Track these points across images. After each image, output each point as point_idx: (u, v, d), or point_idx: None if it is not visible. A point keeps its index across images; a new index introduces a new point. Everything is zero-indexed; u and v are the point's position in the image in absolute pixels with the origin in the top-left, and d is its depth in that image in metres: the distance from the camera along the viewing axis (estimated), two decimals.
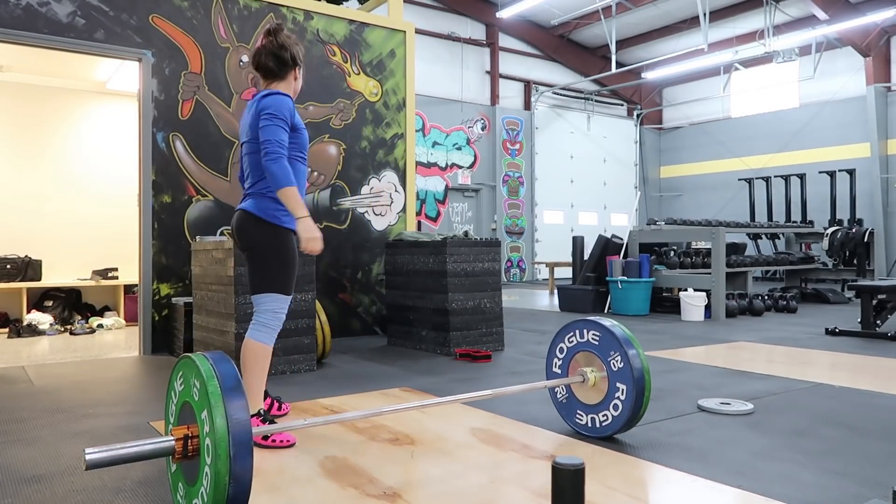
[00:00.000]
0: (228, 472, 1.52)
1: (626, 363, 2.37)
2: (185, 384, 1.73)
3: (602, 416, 2.47)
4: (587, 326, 2.53)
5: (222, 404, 1.56)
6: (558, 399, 2.62)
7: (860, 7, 12.23)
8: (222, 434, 1.53)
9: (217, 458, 1.53)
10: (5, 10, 4.27)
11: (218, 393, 1.58)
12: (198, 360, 1.66)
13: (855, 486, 2.03)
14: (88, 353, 4.87)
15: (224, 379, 1.62)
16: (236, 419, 1.55)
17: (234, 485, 1.53)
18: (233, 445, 1.53)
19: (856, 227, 9.64)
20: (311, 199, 5.45)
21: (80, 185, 6.84)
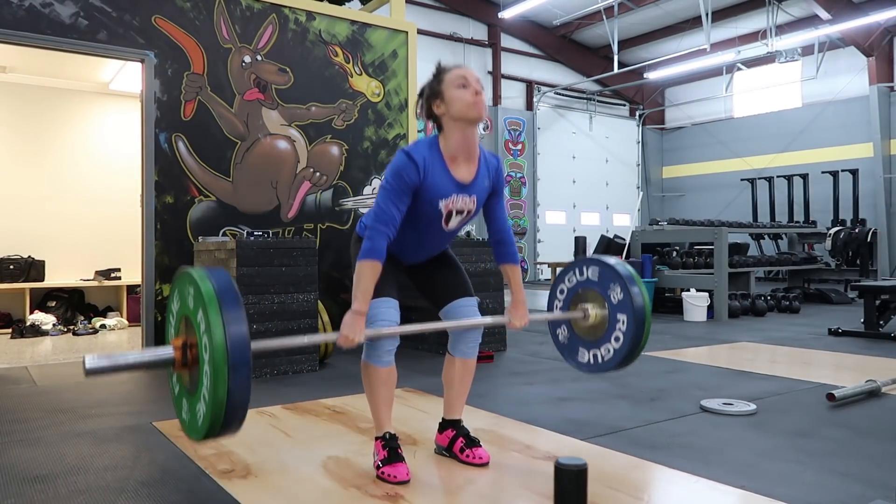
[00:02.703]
0: (227, 370, 1.51)
1: (626, 294, 2.34)
2: (182, 298, 1.72)
3: (604, 350, 2.41)
4: (587, 263, 2.51)
5: (217, 306, 1.55)
6: (560, 341, 2.59)
7: (863, 7, 12.21)
8: (219, 334, 1.52)
9: (215, 357, 1.52)
10: (8, 12, 4.28)
11: (213, 296, 1.57)
12: (197, 277, 1.65)
13: (858, 487, 2.03)
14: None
15: (219, 284, 1.60)
16: (232, 321, 1.55)
17: (233, 382, 1.52)
18: (230, 344, 1.52)
19: (859, 227, 9.62)
20: (313, 199, 5.46)
21: (83, 186, 6.85)
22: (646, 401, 3.22)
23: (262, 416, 2.95)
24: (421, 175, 2.03)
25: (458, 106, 2.04)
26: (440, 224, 2.14)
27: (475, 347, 2.30)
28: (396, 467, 2.08)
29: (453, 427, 2.32)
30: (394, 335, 2.12)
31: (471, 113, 2.04)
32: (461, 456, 2.27)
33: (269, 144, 5.25)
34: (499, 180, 2.23)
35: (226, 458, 2.34)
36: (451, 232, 2.20)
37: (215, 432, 1.60)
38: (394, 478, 2.05)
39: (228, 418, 1.56)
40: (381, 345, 2.10)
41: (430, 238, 2.20)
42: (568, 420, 2.84)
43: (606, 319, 2.38)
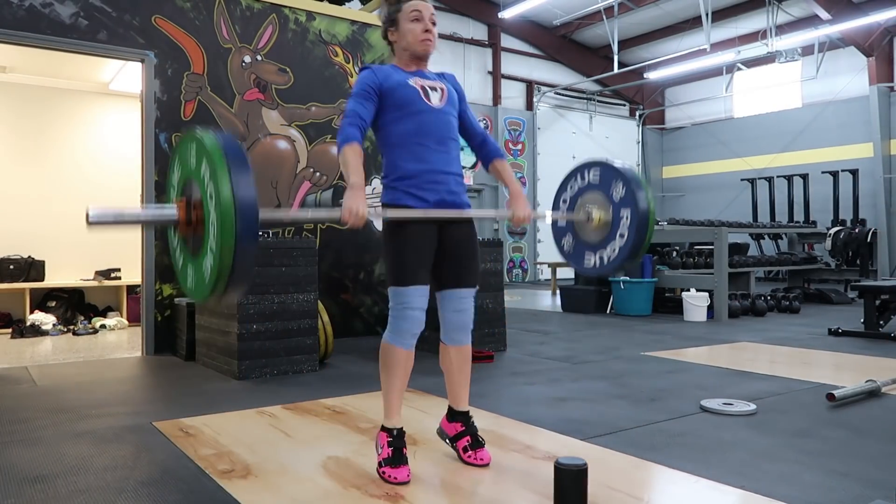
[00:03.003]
0: (234, 232, 1.49)
1: (628, 189, 2.34)
2: (183, 163, 1.70)
3: (609, 249, 2.41)
4: (587, 167, 2.50)
5: (227, 171, 1.52)
6: (566, 250, 2.58)
7: (863, 7, 12.20)
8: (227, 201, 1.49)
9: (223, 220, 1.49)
10: (8, 12, 4.28)
11: (223, 161, 1.54)
12: (204, 136, 1.62)
13: (858, 487, 2.03)
14: (91, 354, 4.87)
15: (228, 149, 1.58)
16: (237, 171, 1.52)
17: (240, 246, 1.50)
18: (238, 209, 1.50)
19: (859, 227, 9.62)
20: (313, 199, 5.46)
21: (83, 186, 6.85)
22: (646, 401, 3.22)
23: (262, 416, 2.95)
24: (378, 75, 2.17)
25: (409, 38, 2.19)
26: (423, 101, 2.17)
27: (467, 334, 2.30)
28: (399, 469, 2.07)
29: (463, 422, 2.31)
30: (405, 219, 2.11)
31: (419, 48, 2.20)
32: (463, 455, 2.27)
33: (269, 144, 5.25)
34: (458, 88, 2.34)
35: (226, 458, 2.34)
36: (441, 113, 2.19)
37: (222, 285, 1.56)
38: (394, 479, 2.05)
39: (237, 267, 1.53)
40: (408, 328, 2.11)
41: (428, 125, 2.16)
42: (568, 420, 2.84)
43: (610, 219, 2.38)
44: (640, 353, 4.67)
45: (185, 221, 1.64)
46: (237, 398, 3.32)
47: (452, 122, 2.24)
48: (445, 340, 2.30)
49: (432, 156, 2.16)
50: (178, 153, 1.81)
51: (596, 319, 6.89)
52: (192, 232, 1.66)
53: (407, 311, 2.11)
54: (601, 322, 6.65)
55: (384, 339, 2.16)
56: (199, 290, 1.68)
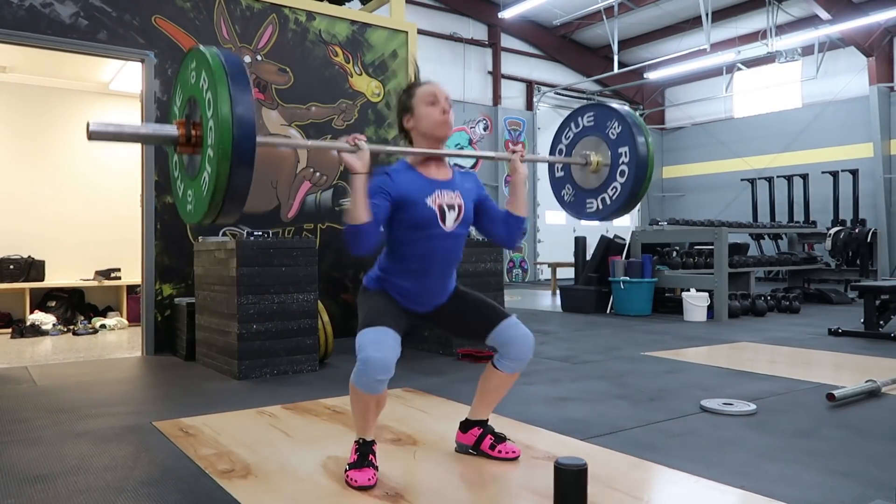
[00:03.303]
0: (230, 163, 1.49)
1: (624, 126, 2.33)
2: (188, 79, 1.69)
3: (611, 190, 2.40)
4: (581, 112, 2.49)
5: (227, 88, 1.52)
6: (566, 201, 2.58)
7: (863, 7, 12.20)
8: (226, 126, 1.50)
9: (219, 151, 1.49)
10: (8, 11, 4.28)
11: (223, 78, 1.53)
12: (208, 54, 1.61)
13: (858, 487, 2.03)
14: (91, 354, 4.87)
15: (230, 66, 1.57)
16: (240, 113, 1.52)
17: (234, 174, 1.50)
18: (235, 137, 1.49)
19: (859, 227, 9.63)
20: (313, 199, 5.46)
21: (83, 186, 6.85)
22: (646, 401, 3.22)
23: (262, 416, 2.95)
24: (392, 179, 2.06)
25: (427, 123, 2.11)
26: (438, 225, 2.09)
27: (523, 365, 2.26)
28: (361, 472, 2.04)
29: (481, 426, 2.33)
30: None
31: (438, 131, 2.12)
32: (493, 452, 2.28)
33: None
34: (479, 190, 2.26)
35: (226, 457, 2.34)
36: (452, 238, 2.13)
37: (218, 204, 1.56)
38: (354, 481, 2.01)
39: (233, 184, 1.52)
40: (368, 371, 1.93)
41: (438, 252, 2.12)
42: (568, 420, 2.84)
43: (609, 161, 2.38)
44: (640, 353, 4.67)
45: (184, 139, 1.63)
46: (237, 398, 3.32)
47: (462, 242, 2.21)
48: (500, 367, 2.25)
49: (431, 280, 2.15)
50: (181, 72, 1.79)
51: (596, 319, 6.89)
52: (191, 151, 1.66)
53: (368, 352, 1.93)
54: (601, 322, 6.65)
55: (351, 380, 2.01)
56: (196, 212, 1.67)
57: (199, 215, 1.64)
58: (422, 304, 2.18)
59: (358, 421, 2.11)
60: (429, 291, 2.17)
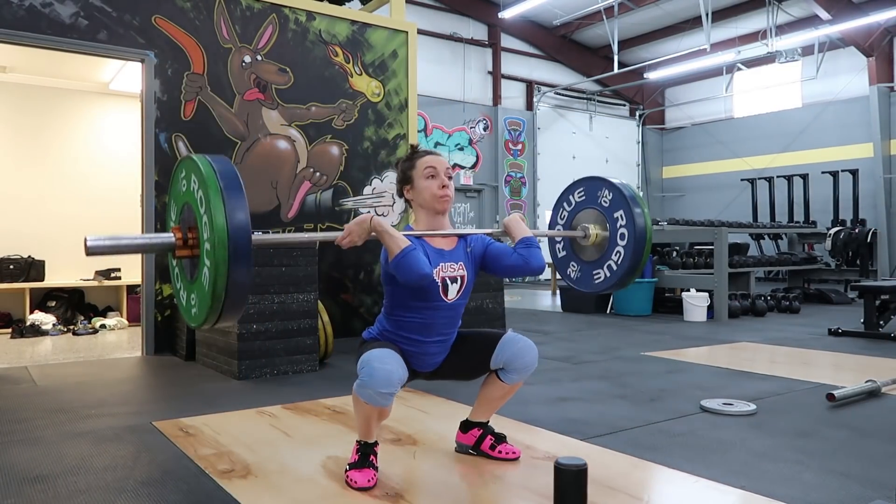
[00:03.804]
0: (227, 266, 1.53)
1: (614, 191, 2.36)
2: (186, 185, 1.73)
3: (614, 255, 2.42)
4: (594, 185, 2.51)
5: (221, 199, 1.56)
6: (574, 279, 2.60)
7: (863, 7, 12.20)
8: (221, 224, 1.54)
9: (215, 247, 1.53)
10: (8, 11, 4.28)
11: (217, 188, 1.58)
12: (198, 160, 1.65)
13: (858, 487, 2.03)
14: (91, 354, 4.87)
15: (223, 177, 1.61)
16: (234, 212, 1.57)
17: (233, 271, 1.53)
18: (231, 233, 1.54)
19: (859, 227, 9.62)
20: (313, 199, 5.46)
21: (83, 186, 6.85)
22: (646, 401, 3.22)
23: (262, 416, 2.95)
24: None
25: (426, 196, 2.12)
26: (440, 297, 2.10)
27: (524, 376, 2.23)
28: (361, 472, 2.04)
29: (481, 427, 2.34)
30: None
31: (436, 205, 2.12)
32: (493, 453, 2.29)
33: (269, 144, 5.25)
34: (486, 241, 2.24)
35: (226, 457, 2.34)
36: (453, 308, 2.15)
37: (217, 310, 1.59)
38: (354, 482, 2.02)
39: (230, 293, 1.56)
40: (376, 383, 1.91)
41: (438, 321, 2.13)
42: (568, 420, 2.84)
43: (607, 233, 2.40)
44: (640, 353, 4.67)
45: (182, 246, 1.67)
46: (237, 398, 3.32)
47: (461, 311, 2.21)
48: (503, 378, 2.23)
49: (431, 345, 2.16)
50: (174, 177, 1.84)
51: (596, 319, 6.89)
52: (189, 254, 1.69)
53: (373, 364, 1.93)
54: (601, 322, 6.65)
55: (354, 389, 2.00)
56: (196, 316, 1.70)
57: (203, 316, 1.65)
58: (423, 365, 2.19)
59: (360, 425, 2.11)
60: (430, 354, 2.18)
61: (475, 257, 2.22)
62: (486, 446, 2.31)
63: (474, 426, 2.34)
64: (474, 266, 2.21)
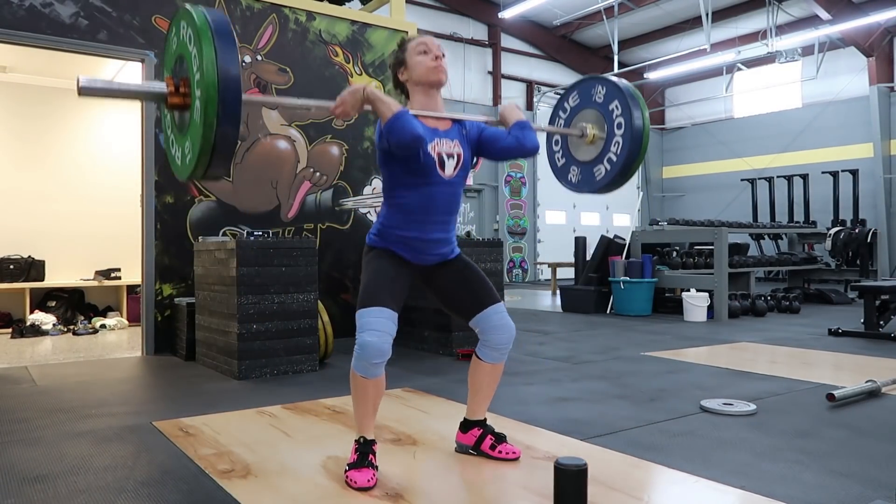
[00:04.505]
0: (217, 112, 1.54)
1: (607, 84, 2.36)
2: (178, 36, 1.75)
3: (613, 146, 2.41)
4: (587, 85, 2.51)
5: (212, 46, 1.58)
6: (575, 182, 2.59)
7: (863, 7, 12.20)
8: (210, 72, 1.55)
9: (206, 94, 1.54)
10: (8, 11, 4.28)
11: (209, 37, 1.59)
12: (193, 10, 1.67)
13: (858, 487, 2.03)
14: (91, 354, 4.87)
15: (215, 25, 1.63)
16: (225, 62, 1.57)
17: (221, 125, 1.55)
18: (221, 87, 1.54)
19: (859, 227, 9.62)
20: (313, 199, 5.46)
21: (83, 186, 6.85)
22: (646, 401, 3.22)
23: (262, 416, 2.95)
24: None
25: (420, 70, 2.16)
26: (437, 173, 2.13)
27: (506, 353, 2.29)
28: (361, 472, 2.05)
29: (480, 426, 2.34)
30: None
31: (431, 76, 2.17)
32: (493, 453, 2.30)
33: (269, 144, 5.25)
34: (480, 126, 2.28)
35: (225, 457, 2.34)
36: (451, 185, 2.17)
37: (205, 160, 1.60)
38: (354, 482, 2.02)
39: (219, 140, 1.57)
40: (367, 356, 2.01)
41: (437, 200, 2.15)
42: (568, 420, 2.84)
43: (603, 122, 2.39)
44: (640, 353, 4.67)
45: (173, 95, 1.69)
46: (237, 398, 3.32)
47: (461, 190, 2.24)
48: (482, 356, 2.28)
49: (433, 228, 2.17)
50: (172, 29, 1.85)
51: (596, 319, 6.89)
52: (180, 104, 1.70)
53: (364, 336, 2.01)
54: (601, 322, 6.65)
55: (351, 367, 2.08)
56: (187, 165, 1.70)
57: (190, 168, 1.67)
58: (424, 253, 2.19)
59: (358, 412, 2.13)
60: (431, 240, 2.18)
61: (471, 140, 2.25)
62: (487, 446, 2.31)
63: (474, 426, 2.35)
64: (470, 148, 2.24)
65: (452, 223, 2.24)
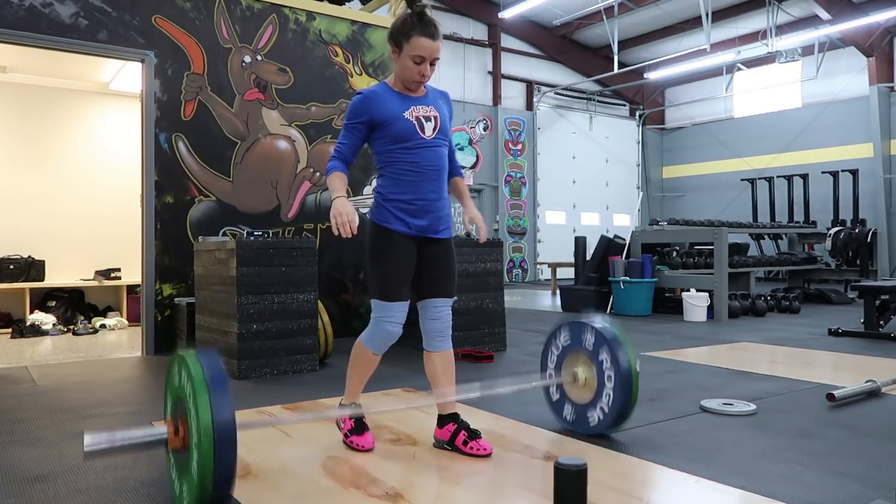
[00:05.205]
0: (213, 460, 1.65)
1: (616, 365, 2.39)
2: (177, 379, 1.86)
3: (593, 413, 2.49)
4: (577, 328, 2.57)
5: (207, 399, 1.71)
6: (570, 420, 2.65)
7: (863, 7, 12.21)
8: (206, 425, 1.67)
9: (202, 448, 1.66)
10: (8, 11, 4.28)
11: (204, 388, 1.72)
12: (188, 358, 1.80)
13: (858, 487, 2.03)
14: (91, 354, 4.87)
15: (211, 375, 1.76)
16: (219, 412, 1.71)
17: (218, 471, 1.66)
18: (217, 436, 1.67)
19: (859, 227, 9.62)
20: (313, 199, 5.46)
21: (83, 186, 6.85)
22: (646, 401, 3.21)
23: (261, 416, 2.95)
24: (369, 104, 2.29)
25: (405, 74, 2.29)
26: (419, 135, 2.29)
27: (447, 339, 2.42)
28: (363, 437, 2.37)
29: (453, 421, 2.39)
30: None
31: (411, 85, 2.33)
32: (465, 448, 2.33)
33: (269, 144, 5.25)
34: (450, 107, 2.47)
35: None
36: (434, 146, 2.32)
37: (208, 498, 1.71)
38: (361, 446, 2.34)
39: (216, 494, 1.70)
40: (386, 338, 2.34)
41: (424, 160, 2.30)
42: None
43: (595, 385, 2.46)
44: (640, 353, 4.67)
45: (173, 439, 1.80)
46: (237, 398, 3.31)
47: (444, 152, 2.39)
48: (427, 348, 2.43)
49: (425, 186, 2.32)
50: (169, 371, 1.96)
51: None
52: (181, 447, 1.81)
53: (388, 325, 2.32)
54: None
55: (362, 338, 2.39)
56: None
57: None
58: (423, 217, 2.33)
59: (354, 380, 2.43)
60: (428, 201, 2.33)
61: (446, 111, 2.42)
62: (460, 442, 2.36)
63: (448, 420, 2.41)
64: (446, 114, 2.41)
65: (442, 181, 2.39)
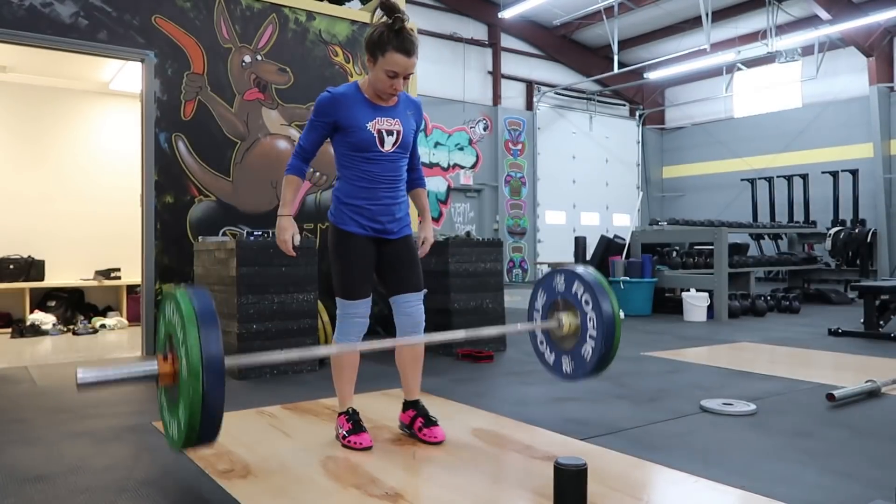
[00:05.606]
0: (202, 393, 1.69)
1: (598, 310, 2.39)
2: (168, 315, 1.91)
3: (576, 358, 2.49)
4: (563, 276, 2.56)
5: (196, 333, 1.73)
6: (551, 364, 2.64)
7: (863, 7, 12.20)
8: (195, 359, 1.70)
9: (191, 381, 1.69)
10: (8, 11, 4.28)
11: (194, 323, 1.75)
12: (178, 294, 1.84)
13: (858, 487, 2.03)
14: (91, 354, 4.87)
15: (200, 311, 1.78)
16: (208, 345, 1.73)
17: (207, 403, 1.70)
18: (205, 368, 1.70)
19: (859, 227, 9.62)
20: (313, 199, 5.46)
21: (83, 186, 6.85)
22: (646, 401, 3.22)
23: (261, 416, 2.95)
24: (336, 105, 2.33)
25: (377, 85, 2.33)
26: (378, 148, 2.36)
27: (418, 333, 2.52)
28: (361, 436, 2.39)
29: (413, 407, 2.55)
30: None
31: (382, 96, 2.37)
32: (419, 434, 2.49)
33: (269, 144, 5.25)
34: (420, 118, 2.53)
35: (225, 457, 2.34)
36: (392, 160, 2.39)
37: (192, 441, 1.77)
38: (359, 444, 2.36)
39: (203, 429, 1.74)
40: (355, 331, 2.45)
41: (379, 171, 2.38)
42: (568, 420, 2.84)
43: (580, 327, 2.46)
44: (640, 353, 4.67)
45: (164, 374, 1.84)
46: (237, 398, 3.32)
47: (402, 163, 2.46)
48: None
49: (380, 193, 2.41)
50: (161, 309, 2.01)
51: None
52: (172, 384, 1.85)
53: (354, 319, 2.44)
54: None
55: (335, 340, 2.49)
56: (179, 438, 1.85)
57: (181, 441, 1.82)
58: (379, 220, 2.42)
59: (342, 386, 2.50)
60: (383, 206, 2.42)
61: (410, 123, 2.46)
62: (416, 427, 2.50)
63: (409, 406, 2.56)
64: (411, 128, 2.46)
65: (399, 189, 2.47)
